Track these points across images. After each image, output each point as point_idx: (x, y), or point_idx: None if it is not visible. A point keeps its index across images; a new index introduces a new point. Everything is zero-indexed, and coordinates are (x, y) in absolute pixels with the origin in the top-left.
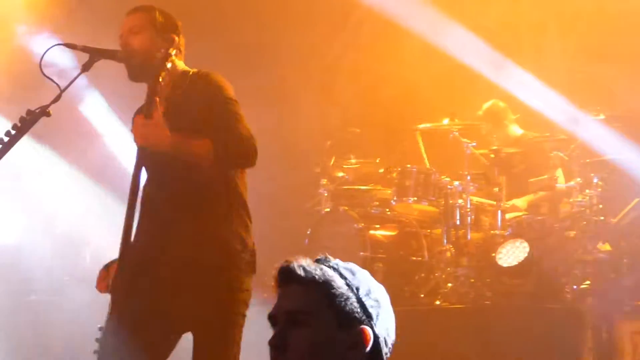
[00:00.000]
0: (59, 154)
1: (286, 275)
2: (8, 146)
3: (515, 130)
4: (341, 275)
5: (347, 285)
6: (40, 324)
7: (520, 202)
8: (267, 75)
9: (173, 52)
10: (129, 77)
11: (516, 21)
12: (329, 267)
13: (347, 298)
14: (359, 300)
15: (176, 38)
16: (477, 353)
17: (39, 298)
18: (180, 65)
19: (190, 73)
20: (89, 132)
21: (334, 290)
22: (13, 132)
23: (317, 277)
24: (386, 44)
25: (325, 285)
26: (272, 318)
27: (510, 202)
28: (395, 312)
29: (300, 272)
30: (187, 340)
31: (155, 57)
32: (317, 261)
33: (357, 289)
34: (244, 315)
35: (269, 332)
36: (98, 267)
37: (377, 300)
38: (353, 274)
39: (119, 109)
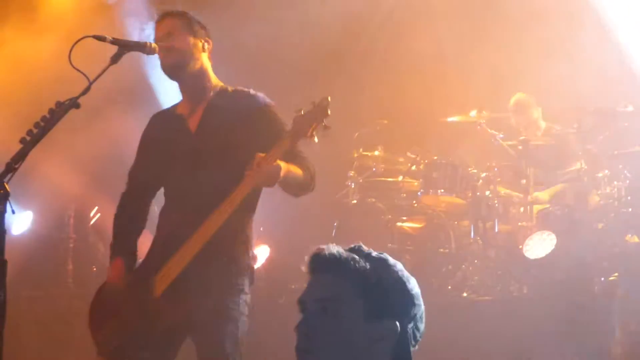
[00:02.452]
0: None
1: (318, 263)
2: (37, 138)
3: (540, 123)
4: (372, 266)
5: (378, 276)
6: (71, 315)
7: (542, 194)
8: (295, 67)
9: (207, 55)
10: (168, 75)
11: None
12: (361, 257)
13: (376, 290)
14: (388, 293)
15: (210, 41)
16: (504, 345)
17: (68, 290)
18: (209, 69)
19: (230, 89)
20: None
21: (364, 281)
22: (42, 124)
23: (348, 267)
24: (415, 35)
25: (356, 276)
26: (302, 303)
27: (534, 195)
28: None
29: (332, 261)
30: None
31: (196, 58)
32: (350, 250)
33: (388, 281)
34: (246, 315)
35: (296, 321)
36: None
37: (407, 293)
38: (385, 265)
39: None
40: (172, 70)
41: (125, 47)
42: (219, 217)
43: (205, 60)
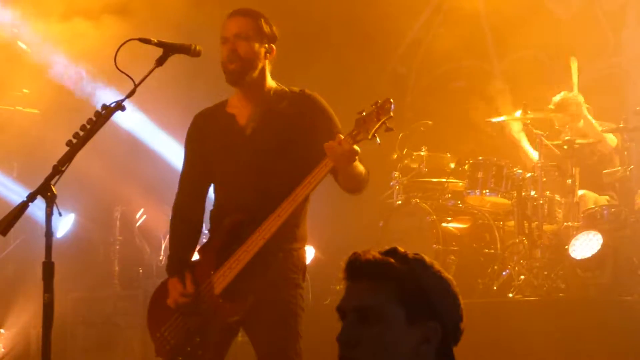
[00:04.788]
0: None
1: (354, 270)
2: (83, 140)
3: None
4: (410, 269)
5: (416, 278)
6: (117, 316)
7: (590, 195)
8: (339, 67)
9: (268, 61)
10: (227, 81)
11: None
12: (398, 259)
13: (416, 293)
14: (428, 295)
15: (274, 48)
16: (551, 346)
17: (115, 292)
18: (268, 74)
19: (285, 90)
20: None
21: (403, 286)
22: (88, 126)
23: (385, 271)
24: (459, 35)
25: (394, 281)
26: (341, 312)
27: (581, 192)
28: (468, 304)
29: (369, 267)
30: None
31: (256, 67)
32: (386, 253)
33: (426, 282)
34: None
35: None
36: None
37: (446, 293)
38: (422, 267)
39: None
40: (231, 76)
41: (170, 49)
42: (293, 201)
43: (265, 66)
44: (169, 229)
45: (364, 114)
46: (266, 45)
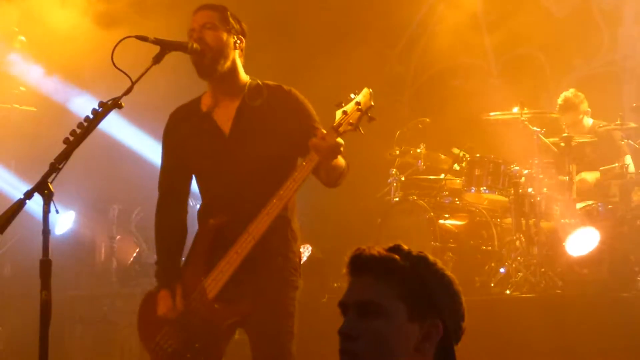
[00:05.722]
0: None
1: (358, 265)
2: (81, 138)
3: (588, 121)
4: (413, 266)
5: (419, 275)
6: (115, 314)
7: (590, 176)
8: (337, 66)
9: (238, 53)
10: (198, 73)
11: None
12: (401, 256)
13: (418, 290)
14: (430, 292)
15: (243, 40)
16: (548, 342)
17: (113, 290)
18: (240, 67)
19: (261, 84)
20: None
21: (406, 282)
22: (85, 124)
23: (388, 267)
24: (456, 33)
25: (397, 277)
26: (343, 306)
27: (579, 176)
28: (466, 301)
29: (373, 263)
30: None
31: (226, 57)
32: (390, 250)
33: (429, 279)
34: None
35: (339, 320)
36: None
37: (448, 291)
38: (425, 264)
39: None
40: (201, 67)
41: (167, 47)
42: (281, 199)
43: (236, 58)
44: (154, 234)
45: (344, 105)
46: (234, 37)
